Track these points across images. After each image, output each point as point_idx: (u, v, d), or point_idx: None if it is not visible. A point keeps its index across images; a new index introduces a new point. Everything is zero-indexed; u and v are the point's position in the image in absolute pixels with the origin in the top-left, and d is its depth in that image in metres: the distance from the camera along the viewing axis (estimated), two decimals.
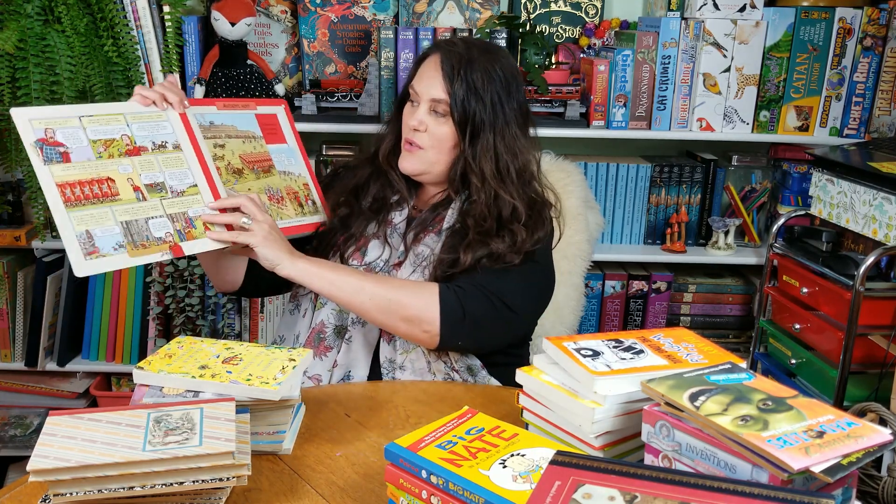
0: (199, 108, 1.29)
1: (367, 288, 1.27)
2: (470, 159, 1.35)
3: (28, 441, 2.23)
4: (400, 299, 1.27)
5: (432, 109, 1.37)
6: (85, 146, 1.11)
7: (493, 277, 1.31)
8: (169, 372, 1.06)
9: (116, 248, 1.13)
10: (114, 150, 1.14)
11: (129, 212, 1.15)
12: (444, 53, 1.36)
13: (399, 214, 1.45)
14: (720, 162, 2.20)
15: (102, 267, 1.12)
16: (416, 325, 1.28)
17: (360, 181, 1.49)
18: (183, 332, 2.12)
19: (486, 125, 1.34)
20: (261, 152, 1.36)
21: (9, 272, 2.13)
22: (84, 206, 1.09)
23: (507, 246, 1.32)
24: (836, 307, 1.74)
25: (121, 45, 1.90)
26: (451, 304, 1.28)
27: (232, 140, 1.32)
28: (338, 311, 1.40)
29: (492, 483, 0.82)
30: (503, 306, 1.30)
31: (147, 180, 1.18)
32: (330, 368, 1.38)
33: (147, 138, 1.20)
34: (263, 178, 1.36)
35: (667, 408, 0.85)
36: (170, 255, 1.19)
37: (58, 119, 1.09)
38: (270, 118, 1.41)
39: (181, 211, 1.21)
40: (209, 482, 0.90)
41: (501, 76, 1.36)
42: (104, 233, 1.11)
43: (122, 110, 1.18)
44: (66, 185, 1.08)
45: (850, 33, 2.03)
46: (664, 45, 2.04)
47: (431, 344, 1.30)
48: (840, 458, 0.76)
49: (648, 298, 2.22)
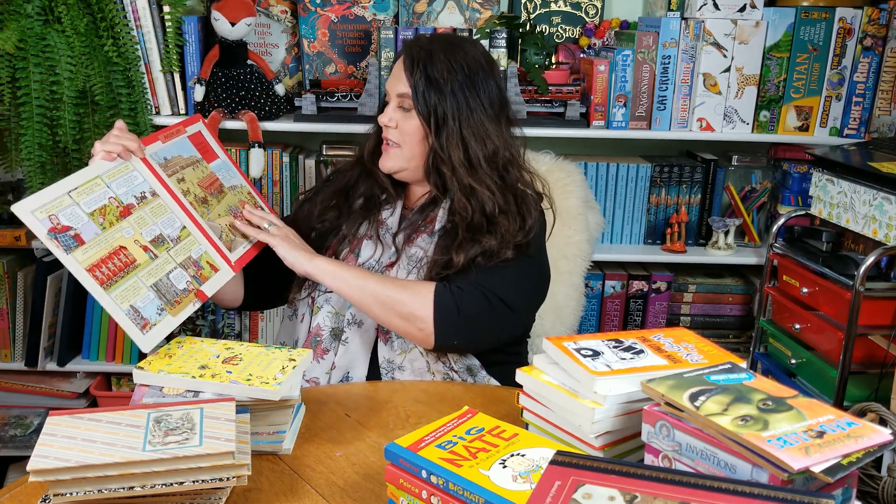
0: (150, 147, 1.30)
1: (370, 285, 1.31)
2: (438, 150, 1.37)
3: (28, 441, 2.23)
4: (397, 297, 1.30)
5: (399, 105, 1.40)
6: (87, 222, 1.13)
7: (488, 275, 1.33)
8: (169, 372, 1.06)
9: (160, 313, 1.15)
10: (110, 216, 1.16)
11: (151, 274, 1.17)
12: (407, 50, 1.40)
13: (390, 213, 1.46)
14: (720, 162, 2.20)
15: (161, 335, 1.14)
16: (412, 323, 1.30)
17: (349, 182, 1.51)
18: (183, 333, 2.12)
19: (450, 115, 1.36)
20: (208, 174, 1.40)
21: (9, 272, 2.13)
22: (116, 282, 1.11)
23: (497, 241, 1.34)
24: (836, 307, 1.74)
25: (121, 45, 1.90)
26: (445, 303, 1.29)
27: (186, 170, 1.35)
28: (333, 314, 1.41)
29: (492, 483, 0.82)
30: (500, 303, 1.31)
31: (149, 236, 1.20)
32: (328, 371, 1.39)
33: (128, 194, 1.21)
34: (222, 199, 1.39)
35: (667, 408, 0.85)
36: (199, 303, 1.22)
37: (53, 203, 1.10)
38: (198, 136, 1.44)
39: (186, 256, 1.24)
40: (209, 482, 0.90)
41: (464, 66, 1.37)
42: (144, 302, 1.13)
43: (96, 172, 1.19)
44: (93, 267, 1.10)
45: (850, 33, 2.03)
46: (664, 45, 2.04)
47: (427, 342, 1.31)
48: (840, 458, 0.76)
49: (648, 298, 2.22)
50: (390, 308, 1.30)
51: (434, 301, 1.29)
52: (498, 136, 1.39)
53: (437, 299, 1.29)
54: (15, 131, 1.83)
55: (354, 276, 1.32)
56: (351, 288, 1.32)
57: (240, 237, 1.37)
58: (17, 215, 1.07)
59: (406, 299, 1.30)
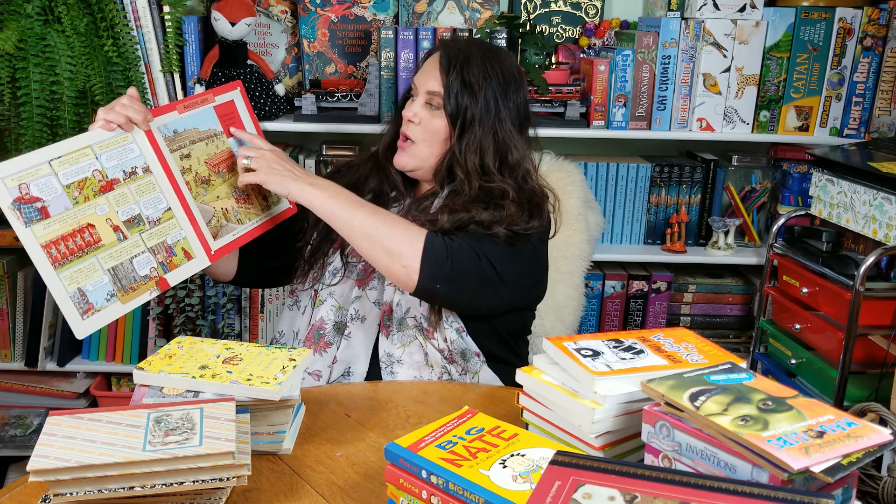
0: (161, 118, 1.27)
1: (359, 216, 1.27)
2: (457, 152, 1.37)
3: (28, 441, 2.23)
4: (386, 230, 1.26)
5: (427, 102, 1.39)
6: (60, 194, 1.09)
7: (482, 240, 1.31)
8: (169, 372, 1.06)
9: (109, 299, 1.12)
10: (88, 190, 1.13)
11: (113, 256, 1.14)
12: (444, 49, 1.40)
13: (397, 208, 1.46)
14: (720, 162, 2.20)
15: (100, 322, 1.11)
16: (396, 259, 1.25)
17: (361, 176, 1.51)
18: (183, 333, 2.12)
19: (477, 121, 1.36)
20: (223, 150, 1.35)
21: (9, 272, 2.13)
22: (71, 262, 1.09)
23: (492, 216, 1.32)
24: (836, 307, 1.74)
25: (121, 45, 1.90)
26: (435, 246, 1.26)
27: (196, 146, 1.31)
28: (337, 308, 1.41)
29: (492, 483, 0.82)
30: (489, 266, 1.29)
31: (124, 216, 1.17)
32: (330, 364, 1.39)
33: (117, 168, 1.18)
34: (229, 178, 1.35)
35: (667, 408, 0.85)
36: (158, 291, 1.19)
37: (29, 171, 1.07)
38: (228, 106, 1.39)
39: (160, 241, 1.21)
40: (209, 482, 0.90)
41: (499, 76, 1.38)
42: (95, 286, 1.11)
43: (88, 142, 1.15)
44: (50, 244, 1.07)
45: (850, 33, 2.03)
46: (664, 45, 2.04)
47: (409, 283, 1.26)
48: (840, 458, 0.76)
49: (648, 298, 2.22)
50: (376, 240, 1.25)
51: (425, 242, 1.25)
52: (521, 147, 1.40)
53: (427, 240, 1.26)
54: (15, 131, 1.83)
55: (343, 206, 1.27)
56: (338, 217, 1.26)
57: (233, 223, 1.33)
58: None
59: (395, 234, 1.26)
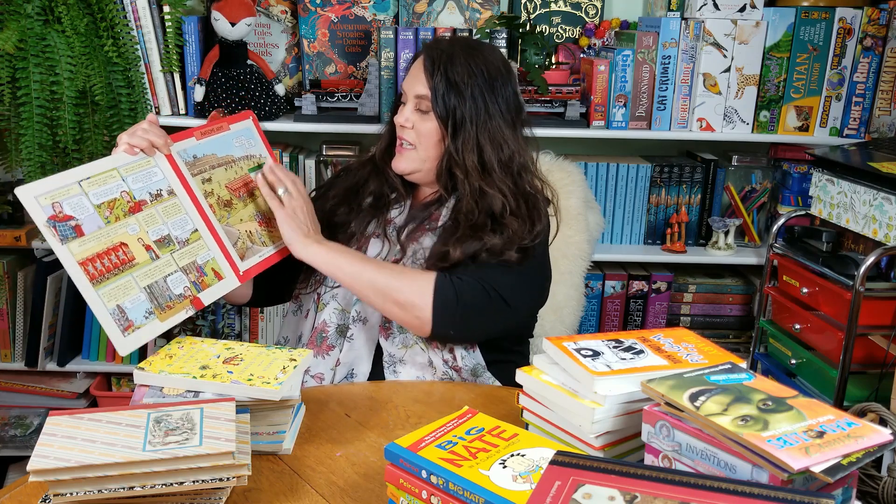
0: (180, 143, 1.28)
1: (367, 272, 1.31)
2: (453, 153, 1.37)
3: (28, 441, 2.23)
4: (395, 284, 1.29)
5: (417, 107, 1.40)
6: (92, 213, 1.11)
7: (490, 271, 1.33)
8: (170, 372, 1.06)
9: (147, 316, 1.14)
10: (118, 210, 1.14)
11: (148, 275, 1.16)
12: (427, 52, 1.40)
13: (398, 211, 1.47)
14: (720, 162, 2.20)
15: (142, 339, 1.12)
16: (409, 311, 1.29)
17: (359, 180, 1.51)
18: (183, 333, 2.12)
19: (468, 119, 1.36)
20: (242, 176, 1.37)
21: (9, 272, 2.13)
22: (108, 279, 1.10)
23: (503, 240, 1.34)
24: (836, 307, 1.74)
25: (121, 45, 1.90)
26: (445, 293, 1.28)
27: (216, 171, 1.33)
28: (339, 311, 1.41)
29: (492, 483, 0.82)
30: (498, 298, 1.31)
31: (155, 236, 1.19)
32: (333, 367, 1.39)
33: (143, 190, 1.19)
34: (250, 203, 1.37)
35: (667, 408, 0.85)
36: (193, 310, 1.21)
37: (60, 190, 1.09)
38: (244, 135, 1.42)
39: (191, 261, 1.22)
40: (209, 482, 0.90)
41: (484, 71, 1.38)
42: (133, 304, 1.12)
43: (113, 164, 1.17)
44: (86, 261, 1.08)
45: (850, 33, 2.03)
46: (664, 45, 2.04)
47: (423, 330, 1.31)
48: (840, 458, 0.76)
49: (648, 298, 2.22)
50: (386, 295, 1.29)
51: (434, 289, 1.28)
52: (514, 141, 1.40)
53: (437, 287, 1.28)
54: (15, 131, 1.83)
55: (350, 263, 1.31)
56: (346, 275, 1.31)
57: (258, 245, 1.35)
58: (19, 198, 1.05)
59: (404, 287, 1.29)
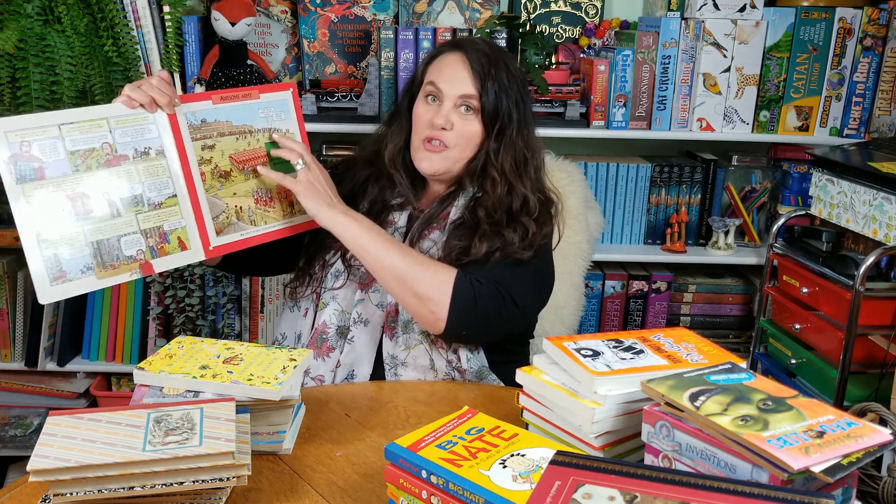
0: (192, 104, 1.24)
1: (391, 255, 1.27)
2: (492, 154, 1.38)
3: (28, 441, 2.23)
4: (416, 274, 1.26)
5: (459, 107, 1.38)
6: (62, 159, 1.07)
7: (506, 273, 1.32)
8: (170, 372, 1.06)
9: (84, 271, 1.11)
10: (92, 161, 1.11)
11: (101, 230, 1.12)
12: (468, 52, 1.39)
13: (400, 215, 1.45)
14: (720, 162, 2.20)
15: (69, 292, 1.10)
16: (425, 304, 1.26)
17: (356, 185, 1.48)
18: (183, 333, 2.12)
19: (513, 122, 1.39)
20: (255, 148, 1.32)
21: (9, 272, 2.13)
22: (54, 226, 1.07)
23: (519, 238, 1.34)
24: (836, 307, 1.74)
25: (121, 45, 1.90)
26: (464, 293, 1.27)
27: (224, 139, 1.28)
28: (340, 312, 1.40)
29: (492, 483, 0.82)
30: (512, 304, 1.31)
31: (124, 193, 1.15)
32: (333, 369, 1.38)
33: (129, 145, 1.16)
34: (252, 178, 1.32)
35: (667, 408, 0.85)
36: (139, 274, 1.17)
37: (35, 129, 1.05)
38: (275, 106, 1.36)
39: (156, 225, 1.19)
40: (209, 482, 0.90)
41: (520, 77, 1.42)
42: (73, 255, 1.09)
43: (105, 114, 1.14)
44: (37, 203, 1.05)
45: (850, 33, 2.03)
46: (664, 45, 2.04)
47: (436, 327, 1.28)
48: (840, 458, 0.76)
49: (648, 298, 2.22)
50: (405, 283, 1.26)
51: (454, 287, 1.26)
52: (536, 142, 1.44)
53: (456, 286, 1.26)
54: None
55: (374, 242, 1.27)
56: (368, 253, 1.27)
57: (244, 223, 1.31)
58: None
59: (426, 278, 1.26)
